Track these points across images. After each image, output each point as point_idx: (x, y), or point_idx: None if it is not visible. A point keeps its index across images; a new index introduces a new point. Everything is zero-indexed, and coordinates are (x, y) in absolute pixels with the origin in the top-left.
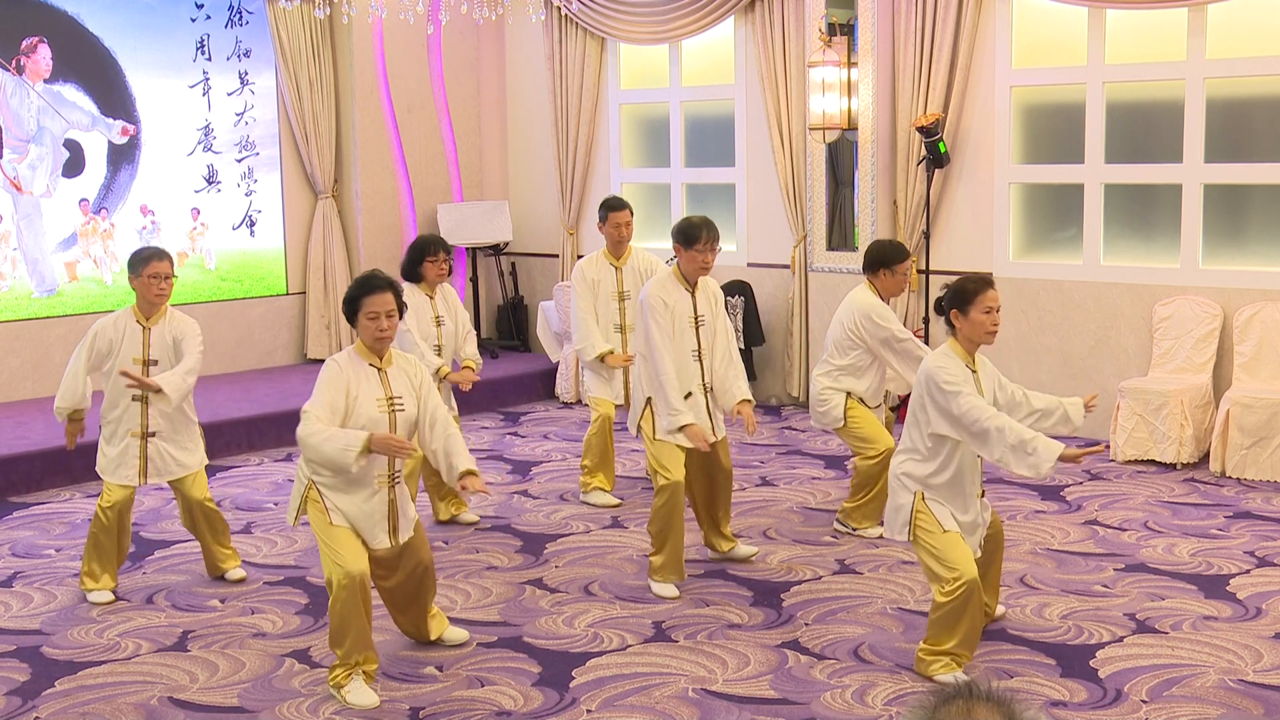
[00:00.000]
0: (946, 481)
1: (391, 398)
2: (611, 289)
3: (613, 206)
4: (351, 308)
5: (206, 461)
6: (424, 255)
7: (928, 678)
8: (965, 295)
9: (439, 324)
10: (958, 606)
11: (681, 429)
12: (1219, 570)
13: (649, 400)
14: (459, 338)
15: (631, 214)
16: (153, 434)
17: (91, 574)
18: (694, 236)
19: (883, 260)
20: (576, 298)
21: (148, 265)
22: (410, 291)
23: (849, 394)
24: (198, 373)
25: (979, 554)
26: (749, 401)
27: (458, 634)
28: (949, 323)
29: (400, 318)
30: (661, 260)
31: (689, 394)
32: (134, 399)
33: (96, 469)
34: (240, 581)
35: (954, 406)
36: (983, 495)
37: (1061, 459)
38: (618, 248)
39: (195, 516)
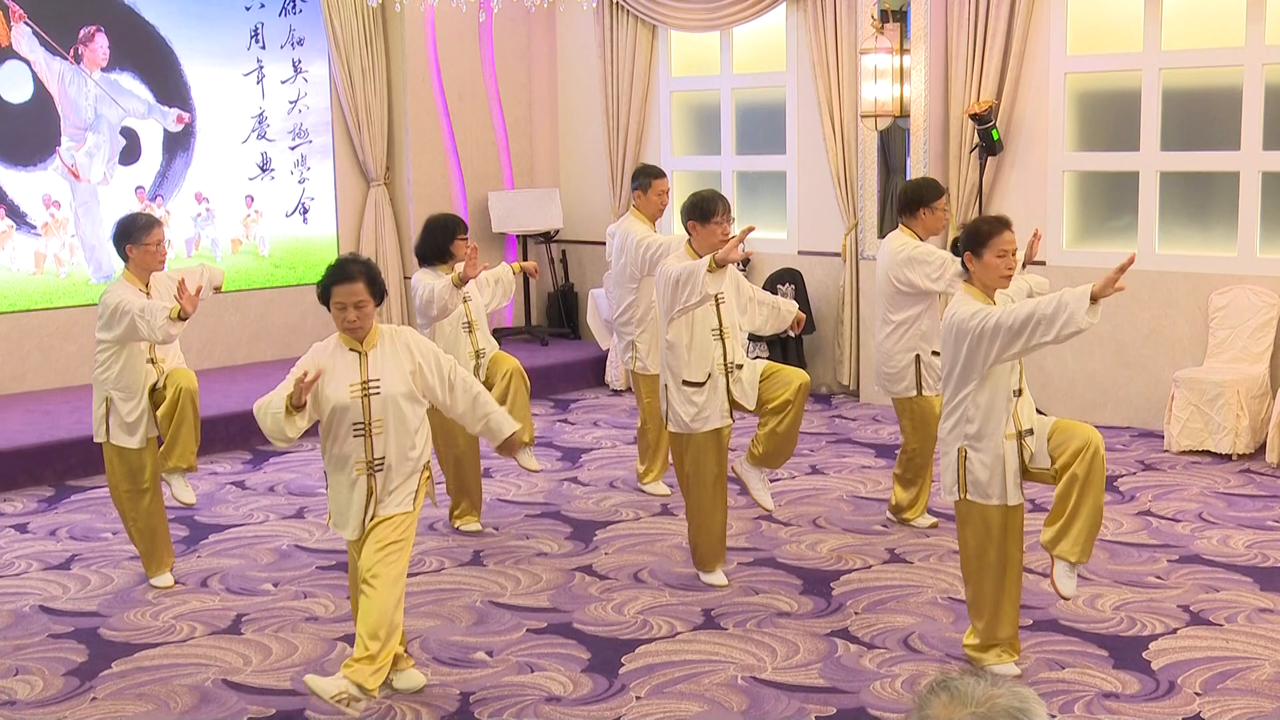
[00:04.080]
0: (983, 427)
1: (365, 381)
2: None
3: (655, 174)
4: (323, 296)
5: None
6: (455, 234)
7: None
8: (980, 237)
9: (465, 300)
10: (976, 588)
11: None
12: (1275, 562)
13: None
14: (496, 299)
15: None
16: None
17: (151, 566)
18: (710, 210)
19: (920, 199)
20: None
21: (150, 233)
22: (429, 274)
23: (919, 358)
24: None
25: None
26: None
27: (415, 679)
28: (964, 265)
29: (379, 304)
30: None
31: (709, 375)
32: (147, 361)
33: (117, 441)
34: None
35: (996, 325)
36: (1026, 434)
37: (1094, 297)
38: (656, 217)
39: (184, 402)
